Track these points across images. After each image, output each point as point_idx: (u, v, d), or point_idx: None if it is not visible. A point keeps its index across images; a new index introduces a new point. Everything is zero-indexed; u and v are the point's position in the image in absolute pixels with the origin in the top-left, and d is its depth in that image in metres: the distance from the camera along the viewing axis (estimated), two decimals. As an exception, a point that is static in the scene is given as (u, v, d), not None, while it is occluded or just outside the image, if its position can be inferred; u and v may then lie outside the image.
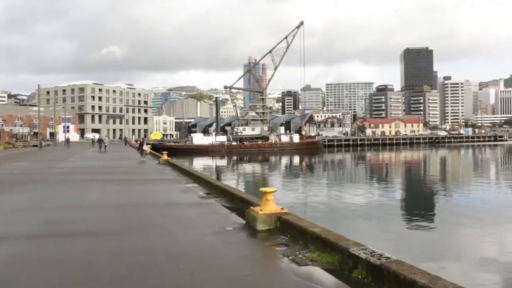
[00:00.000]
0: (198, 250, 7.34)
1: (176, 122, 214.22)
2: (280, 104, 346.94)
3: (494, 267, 14.01)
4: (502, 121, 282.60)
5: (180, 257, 6.86)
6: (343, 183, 39.86)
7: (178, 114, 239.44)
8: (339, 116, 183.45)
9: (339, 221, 20.66)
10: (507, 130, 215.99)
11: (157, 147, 73.22)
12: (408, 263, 5.52)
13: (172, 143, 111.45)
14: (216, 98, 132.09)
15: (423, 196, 32.39)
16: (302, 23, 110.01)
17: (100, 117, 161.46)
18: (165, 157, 31.34)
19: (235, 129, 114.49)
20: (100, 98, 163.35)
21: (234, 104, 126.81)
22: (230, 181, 38.71)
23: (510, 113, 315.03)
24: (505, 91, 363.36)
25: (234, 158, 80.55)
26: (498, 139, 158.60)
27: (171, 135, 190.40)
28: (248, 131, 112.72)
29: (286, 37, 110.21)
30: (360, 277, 5.79)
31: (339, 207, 25.00)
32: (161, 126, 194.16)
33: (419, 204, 28.59)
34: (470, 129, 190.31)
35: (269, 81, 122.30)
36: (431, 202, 28.87)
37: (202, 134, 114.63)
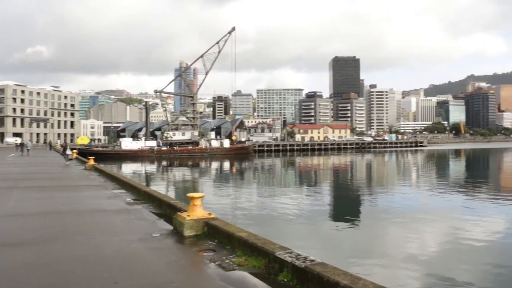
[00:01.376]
0: (123, 257, 7.14)
1: (104, 127, 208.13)
2: (211, 109, 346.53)
3: (416, 264, 14.75)
4: (422, 127, 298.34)
5: (104, 266, 6.64)
6: (273, 188, 40.31)
7: (106, 118, 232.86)
8: (269, 121, 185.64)
9: (268, 226, 20.91)
10: (427, 137, 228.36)
11: (84, 152, 70.77)
12: (332, 265, 5.65)
13: (100, 148, 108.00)
14: (146, 102, 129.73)
15: (350, 199, 33.45)
16: (234, 28, 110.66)
17: (22, 120, 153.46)
18: (91, 162, 30.32)
19: (165, 134, 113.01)
20: (22, 100, 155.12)
21: (164, 108, 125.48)
22: (159, 187, 38.10)
23: (430, 121, 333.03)
24: (425, 99, 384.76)
25: (164, 163, 79.42)
26: (419, 144, 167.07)
27: (99, 140, 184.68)
28: (178, 136, 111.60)
29: (217, 42, 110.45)
30: (285, 280, 5.88)
31: (268, 212, 25.23)
32: (89, 131, 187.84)
33: (346, 207, 29.53)
34: (393, 135, 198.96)
35: (200, 85, 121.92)
36: (358, 205, 29.87)
37: (131, 139, 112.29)
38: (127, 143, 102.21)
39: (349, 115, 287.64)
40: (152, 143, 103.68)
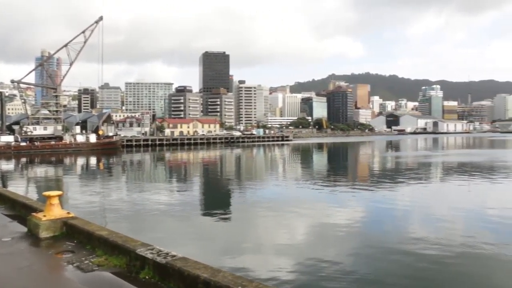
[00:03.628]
0: (-33, 266, 6.46)
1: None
2: (77, 102, 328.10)
3: (285, 252, 15.47)
4: (288, 122, 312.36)
5: None
6: (141, 184, 39.31)
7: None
8: (138, 116, 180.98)
9: (135, 223, 20.44)
10: (292, 131, 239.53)
11: None
12: (194, 259, 5.73)
13: None
14: (1, 93, 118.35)
15: (220, 193, 33.88)
16: (101, 18, 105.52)
17: None
18: None
19: (25, 128, 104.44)
20: None
21: (23, 100, 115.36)
22: (16, 187, 35.20)
23: (295, 116, 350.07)
24: (291, 96, 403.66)
25: (23, 160, 73.47)
26: (285, 139, 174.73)
27: None
28: (39, 131, 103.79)
29: (83, 32, 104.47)
30: (147, 277, 5.81)
31: (136, 209, 24.55)
32: None
33: (217, 201, 29.87)
34: (261, 130, 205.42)
35: (64, 77, 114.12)
36: (228, 199, 30.37)
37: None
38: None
39: (218, 110, 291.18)
40: (9, 138, 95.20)
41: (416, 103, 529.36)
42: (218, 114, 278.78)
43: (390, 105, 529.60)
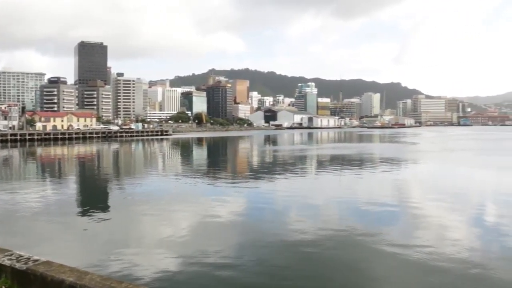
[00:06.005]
0: None
1: None
2: None
3: (168, 248, 15.83)
4: (168, 117, 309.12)
5: None
6: (9, 183, 36.46)
7: None
8: (5, 108, 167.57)
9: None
10: (172, 126, 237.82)
11: None
12: (59, 262, 5.53)
13: None
14: None
15: (99, 190, 33.12)
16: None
17: None
18: None
19: None
20: None
21: None
22: None
23: (175, 110, 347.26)
24: (171, 90, 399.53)
25: None
26: (164, 133, 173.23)
27: None
28: None
29: None
30: (4, 287, 5.40)
31: (1, 211, 22.88)
32: None
33: (95, 198, 29.19)
34: (140, 124, 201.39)
35: None
36: (107, 196, 29.85)
37: None
38: None
39: (95, 103, 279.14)
40: None
41: (293, 99, 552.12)
42: (95, 107, 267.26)
43: (268, 100, 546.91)
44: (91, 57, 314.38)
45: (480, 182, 34.70)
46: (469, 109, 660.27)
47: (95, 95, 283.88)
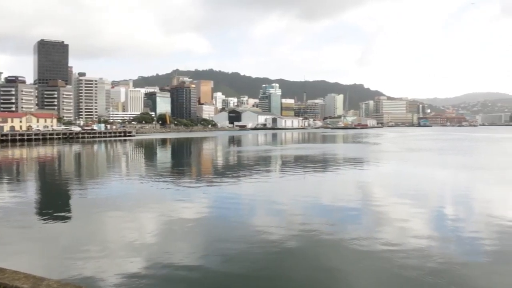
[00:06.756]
0: None
1: None
2: None
3: (134, 250, 15.71)
4: (131, 118, 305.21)
5: None
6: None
7: None
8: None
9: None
10: (135, 127, 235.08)
11: None
12: (13, 269, 5.36)
13: None
14: None
15: (60, 193, 32.10)
16: None
17: None
18: None
19: None
20: None
21: None
22: None
23: (138, 111, 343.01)
24: (134, 90, 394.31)
25: None
26: (128, 134, 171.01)
27: None
28: None
29: None
30: None
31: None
32: None
33: (56, 201, 28.36)
34: (102, 125, 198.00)
35: None
36: (69, 199, 29.07)
37: None
38: None
39: (56, 103, 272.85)
40: None
41: (257, 100, 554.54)
42: (56, 108, 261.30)
43: (233, 101, 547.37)
44: (51, 56, 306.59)
45: (439, 181, 35.76)
46: (428, 110, 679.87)
47: (55, 95, 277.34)
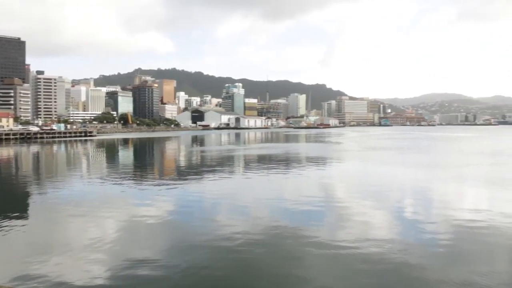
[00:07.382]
0: None
1: None
2: None
3: (96, 252, 15.54)
4: (92, 117, 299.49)
5: None
6: None
7: None
8: None
9: None
10: (96, 126, 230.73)
11: None
12: None
13: None
14: None
15: (17, 195, 31.23)
16: None
17: None
18: None
19: None
20: None
21: None
22: None
23: (99, 110, 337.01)
24: (95, 89, 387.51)
25: None
26: (89, 134, 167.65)
27: None
28: None
29: None
30: None
31: None
32: None
33: (12, 204, 27.47)
34: (62, 125, 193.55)
35: None
36: (26, 201, 28.21)
37: None
38: None
39: (12, 102, 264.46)
40: None
41: (220, 100, 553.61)
42: (12, 107, 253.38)
43: (196, 101, 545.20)
44: (7, 53, 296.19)
45: (399, 179, 36.72)
46: (389, 110, 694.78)
47: (12, 94, 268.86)
